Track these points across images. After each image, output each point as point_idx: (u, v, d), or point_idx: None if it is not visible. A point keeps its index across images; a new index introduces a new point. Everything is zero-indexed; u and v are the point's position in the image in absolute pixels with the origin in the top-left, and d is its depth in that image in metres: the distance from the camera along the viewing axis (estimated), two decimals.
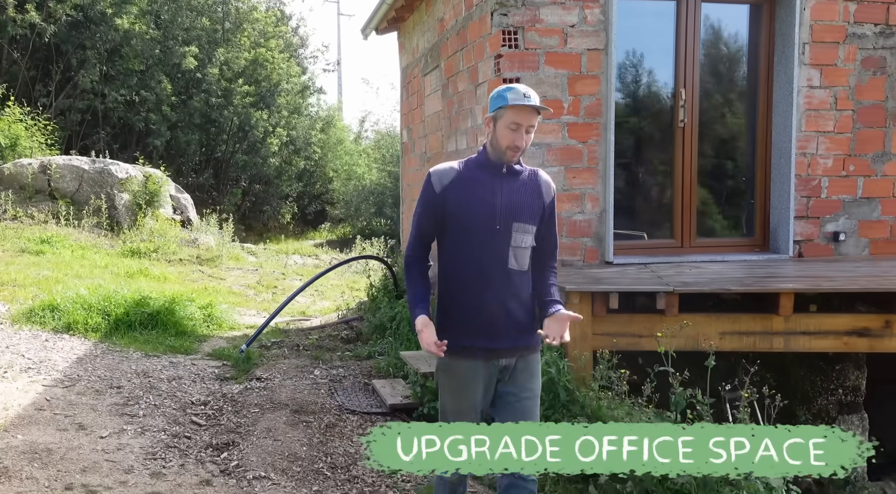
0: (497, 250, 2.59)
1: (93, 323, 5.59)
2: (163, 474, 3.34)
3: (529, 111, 2.53)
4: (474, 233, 2.58)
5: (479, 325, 2.58)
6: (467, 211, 2.58)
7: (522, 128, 2.54)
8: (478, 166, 2.64)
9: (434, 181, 2.62)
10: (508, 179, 2.62)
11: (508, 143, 2.55)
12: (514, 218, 2.60)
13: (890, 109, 5.73)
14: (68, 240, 10.55)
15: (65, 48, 16.77)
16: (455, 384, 2.64)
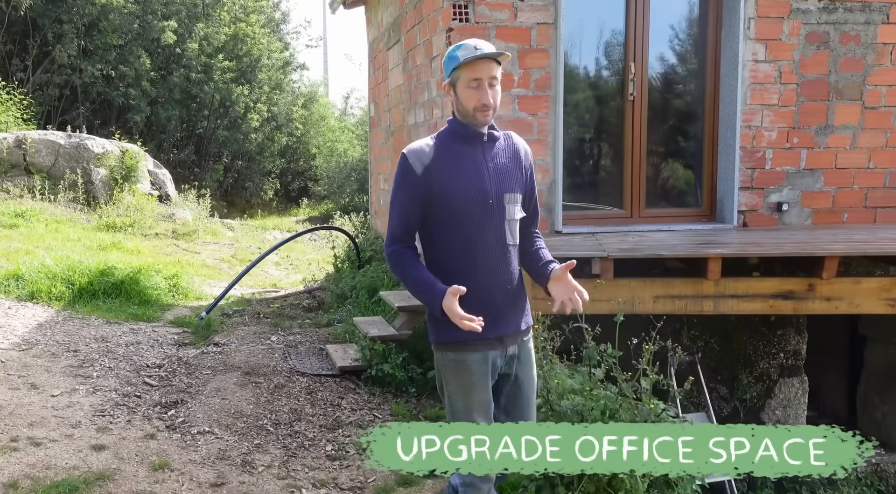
0: (494, 227, 2.39)
1: (56, 291, 5.74)
2: (109, 429, 3.52)
3: (486, 62, 2.31)
4: (467, 212, 2.36)
5: (484, 312, 2.33)
6: (456, 190, 2.35)
7: (485, 82, 2.31)
8: (454, 138, 2.41)
9: (413, 162, 2.36)
10: (489, 147, 2.42)
11: (475, 104, 2.32)
12: (503, 188, 2.41)
13: (833, 83, 5.89)
14: (43, 214, 10.64)
15: (41, 22, 16.70)
16: (465, 380, 2.40)
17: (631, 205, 5.89)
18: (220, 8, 18.92)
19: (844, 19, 5.85)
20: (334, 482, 3.32)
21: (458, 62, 2.32)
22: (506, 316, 2.44)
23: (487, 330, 2.33)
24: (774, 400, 6.04)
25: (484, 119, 2.36)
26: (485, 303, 2.37)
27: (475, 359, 2.39)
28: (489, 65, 2.32)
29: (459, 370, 2.41)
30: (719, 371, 5.96)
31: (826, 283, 4.39)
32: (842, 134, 5.94)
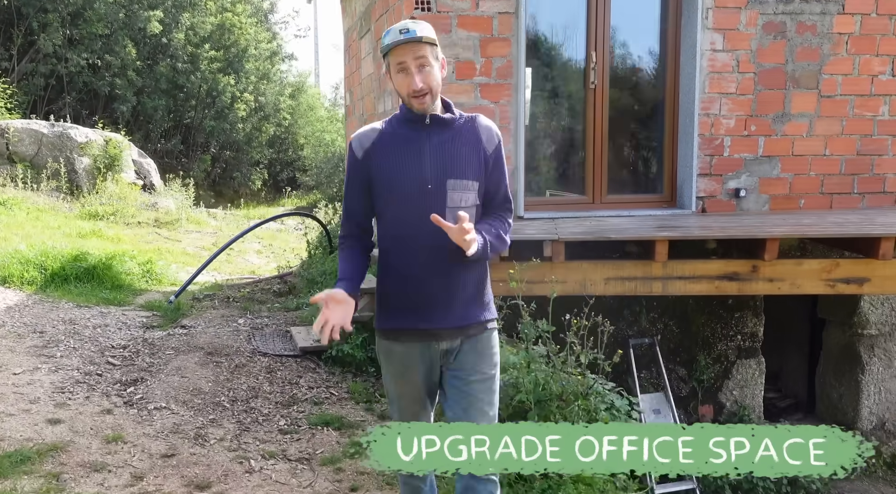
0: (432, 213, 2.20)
1: (29, 276, 5.85)
2: (67, 404, 3.65)
3: (410, 45, 2.17)
4: (403, 197, 2.26)
5: (414, 304, 2.29)
6: (392, 173, 2.27)
7: (410, 65, 2.19)
8: (401, 122, 2.32)
9: (355, 146, 2.32)
10: (437, 130, 2.29)
11: (406, 90, 2.22)
12: (447, 174, 2.27)
13: (790, 72, 6.02)
14: (25, 202, 10.72)
15: (26, 11, 16.71)
16: (394, 368, 2.39)
17: (593, 192, 6.03)
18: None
19: (801, 9, 5.98)
20: (283, 453, 3.46)
21: (385, 50, 2.23)
22: (442, 310, 2.30)
23: (418, 321, 2.29)
24: (732, 381, 6.21)
25: (421, 105, 2.23)
26: (419, 294, 2.29)
27: (400, 350, 2.35)
28: (415, 46, 2.18)
29: (387, 358, 2.39)
30: (678, 352, 6.11)
31: (769, 265, 4.53)
32: (798, 122, 6.08)
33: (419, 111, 2.26)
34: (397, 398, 2.44)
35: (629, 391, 5.82)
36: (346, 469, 3.34)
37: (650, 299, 5.97)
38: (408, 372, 2.36)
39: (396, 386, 2.42)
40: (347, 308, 2.18)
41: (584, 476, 3.12)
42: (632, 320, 5.99)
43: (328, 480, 3.23)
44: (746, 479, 5.76)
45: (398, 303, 2.33)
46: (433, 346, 2.33)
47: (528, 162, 5.83)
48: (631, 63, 6.22)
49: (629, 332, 5.98)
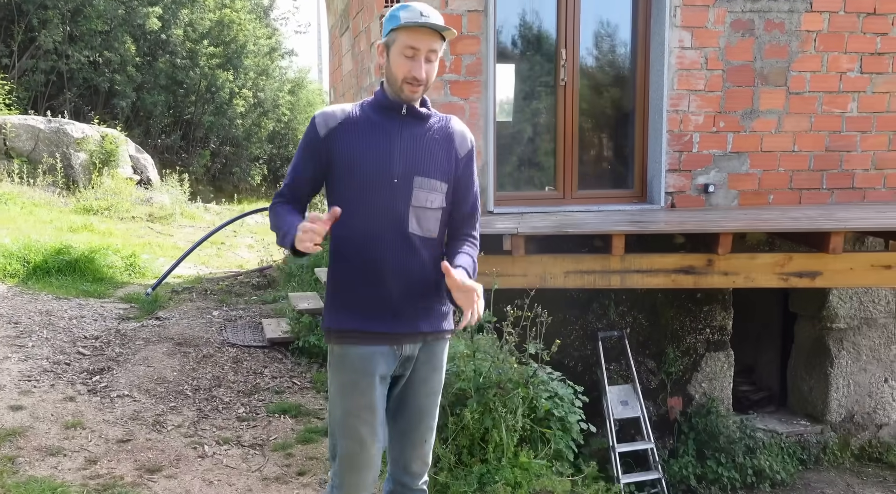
0: (394, 209, 2.13)
1: (11, 269, 6.00)
2: (31, 392, 3.79)
3: (429, 33, 2.07)
4: (366, 187, 2.12)
5: (374, 303, 2.13)
6: (357, 159, 2.12)
7: (421, 54, 2.08)
8: (374, 108, 2.19)
9: (318, 122, 2.16)
10: (411, 123, 2.18)
11: (405, 74, 2.09)
12: (415, 170, 2.15)
13: (758, 69, 6.10)
14: (21, 197, 10.88)
15: (26, 8, 16.88)
16: (346, 377, 2.14)
17: (564, 187, 6.13)
18: None
19: (769, 7, 6.06)
20: (237, 439, 3.59)
21: (398, 23, 2.07)
22: (403, 313, 2.15)
23: (376, 322, 2.13)
24: (700, 374, 6.31)
25: (411, 93, 2.12)
26: (378, 293, 2.13)
27: (358, 354, 2.12)
28: (432, 37, 2.08)
29: (341, 366, 2.15)
30: (647, 345, 6.21)
31: (723, 259, 4.63)
32: (767, 118, 6.16)
33: (406, 99, 2.13)
34: (344, 416, 2.15)
35: (597, 383, 5.95)
36: (296, 454, 3.47)
37: (619, 293, 6.07)
38: (363, 380, 2.12)
39: (347, 400, 2.14)
40: None
41: (522, 460, 3.24)
42: (601, 313, 6.09)
43: (277, 465, 3.36)
44: (711, 469, 5.87)
45: (355, 301, 2.14)
46: (395, 351, 2.16)
47: (498, 157, 5.94)
48: (602, 60, 6.31)
49: (598, 325, 6.09)
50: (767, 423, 6.62)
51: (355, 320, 2.13)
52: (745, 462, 5.96)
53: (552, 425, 3.42)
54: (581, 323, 6.07)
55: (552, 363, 5.92)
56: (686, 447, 6.00)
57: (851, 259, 4.59)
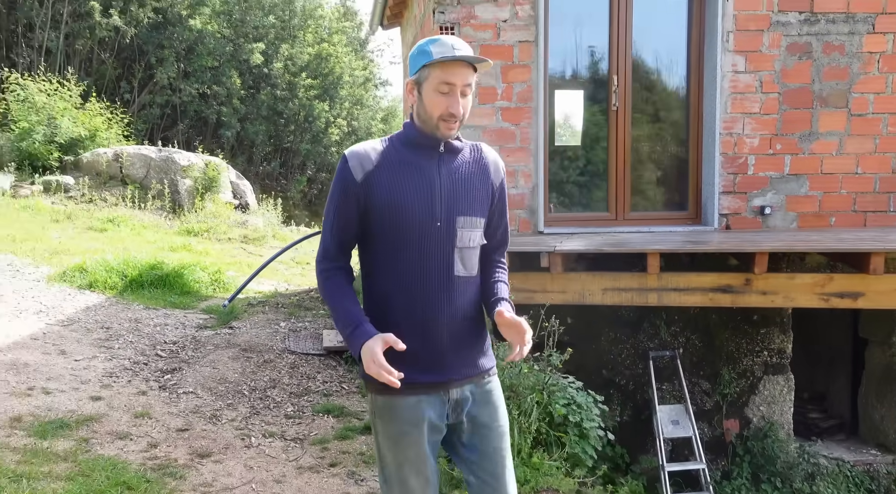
0: (439, 254, 2.04)
1: (111, 282, 6.69)
2: (110, 386, 4.31)
3: (464, 66, 2.00)
4: (408, 232, 2.02)
5: (419, 353, 2.03)
6: (398, 203, 2.02)
7: (457, 89, 2.00)
8: (406, 145, 2.09)
9: (353, 165, 2.04)
10: (447, 160, 2.09)
11: (441, 111, 2.00)
12: (458, 210, 2.07)
13: (817, 91, 6.09)
14: (132, 220, 11.92)
15: (146, 48, 18.46)
16: (395, 430, 2.06)
17: (616, 208, 6.28)
18: (304, 29, 20.23)
19: (827, 30, 6.05)
20: (282, 434, 3.96)
21: (430, 59, 1.99)
22: (451, 359, 2.08)
23: (426, 373, 2.05)
24: (759, 397, 6.25)
25: (448, 131, 2.03)
26: (425, 342, 2.04)
27: (408, 405, 2.05)
28: (466, 70, 2.01)
29: (389, 418, 2.06)
30: (701, 366, 6.23)
31: (761, 278, 4.67)
32: (827, 140, 6.12)
33: (442, 136, 2.05)
34: (397, 468, 2.07)
35: (649, 401, 6.03)
36: (331, 448, 3.81)
37: (670, 313, 6.14)
38: (414, 431, 2.05)
39: (398, 452, 2.07)
40: None
41: (534, 461, 3.45)
42: (652, 333, 6.17)
43: (313, 456, 3.70)
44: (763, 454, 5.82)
45: (399, 354, 1.98)
46: (442, 398, 2.08)
47: (552, 179, 6.18)
48: (657, 84, 6.45)
49: (650, 345, 6.16)
50: (834, 451, 6.46)
51: (401, 370, 1.95)
52: (804, 487, 5.87)
53: (568, 430, 3.61)
54: (632, 343, 6.17)
55: (602, 380, 6.08)
56: (740, 469, 5.97)
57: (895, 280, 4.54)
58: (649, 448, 6.09)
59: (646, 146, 6.42)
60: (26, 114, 13.23)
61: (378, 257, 2.05)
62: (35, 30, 17.03)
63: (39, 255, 7.68)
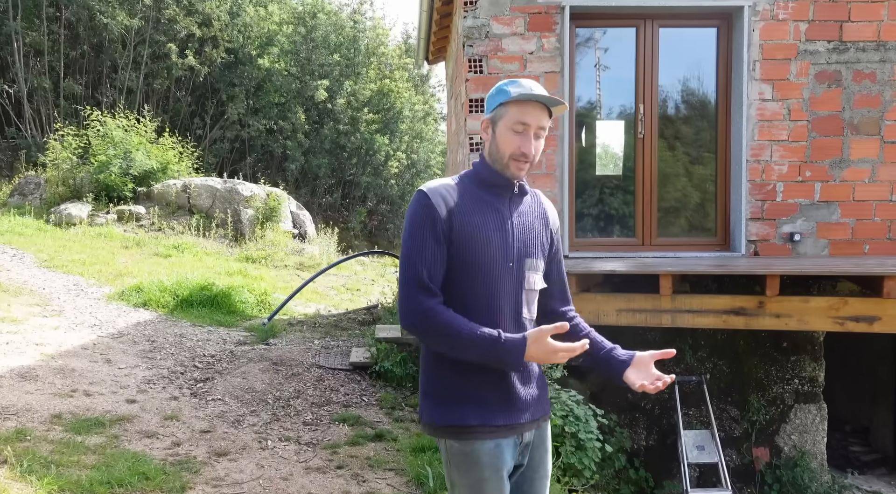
0: (511, 294, 2.03)
1: (163, 301, 7.13)
2: (146, 391, 4.65)
3: (539, 109, 2.01)
4: (484, 271, 2.00)
5: (496, 395, 2.00)
6: (477, 241, 1.99)
7: (531, 129, 2.00)
8: (479, 184, 2.08)
9: (436, 202, 1.99)
10: (517, 201, 2.10)
11: (513, 150, 2.01)
12: (526, 252, 2.06)
13: (847, 119, 6.09)
14: (196, 247, 12.54)
15: (218, 86, 19.45)
16: (475, 476, 1.99)
17: (643, 234, 6.37)
18: (368, 67, 20.94)
19: (857, 58, 6.07)
20: (297, 438, 4.20)
21: (507, 97, 2.02)
22: (522, 401, 2.05)
23: (503, 416, 2.00)
24: (790, 425, 6.18)
25: (518, 171, 2.04)
26: (500, 384, 2.01)
27: (487, 450, 1.98)
28: (542, 112, 2.02)
29: (468, 465, 1.98)
30: (730, 392, 6.20)
31: (775, 301, 4.70)
32: (859, 167, 6.09)
33: (512, 176, 2.05)
34: None
35: (674, 426, 6.03)
36: (341, 452, 4.02)
37: (696, 338, 6.16)
38: (494, 476, 1.99)
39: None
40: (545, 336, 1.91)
41: None
42: (678, 357, 6.19)
43: (322, 459, 3.92)
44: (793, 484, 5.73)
45: (476, 394, 1.99)
46: (517, 440, 2.06)
47: (580, 205, 6.33)
48: (686, 112, 6.56)
49: (676, 370, 6.18)
50: (873, 484, 6.32)
51: (479, 414, 1.97)
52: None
53: (565, 441, 3.73)
54: (658, 367, 6.19)
55: (627, 403, 6.12)
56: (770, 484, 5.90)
57: None
58: (675, 473, 6.08)
59: (673, 173, 6.51)
60: (105, 148, 14.13)
61: (452, 295, 2.00)
62: (118, 71, 18.19)
63: (104, 277, 8.22)
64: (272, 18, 19.97)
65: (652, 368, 2.11)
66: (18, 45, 16.59)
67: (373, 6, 22.49)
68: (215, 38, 18.89)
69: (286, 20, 20.45)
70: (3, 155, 17.27)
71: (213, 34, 18.79)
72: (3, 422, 3.83)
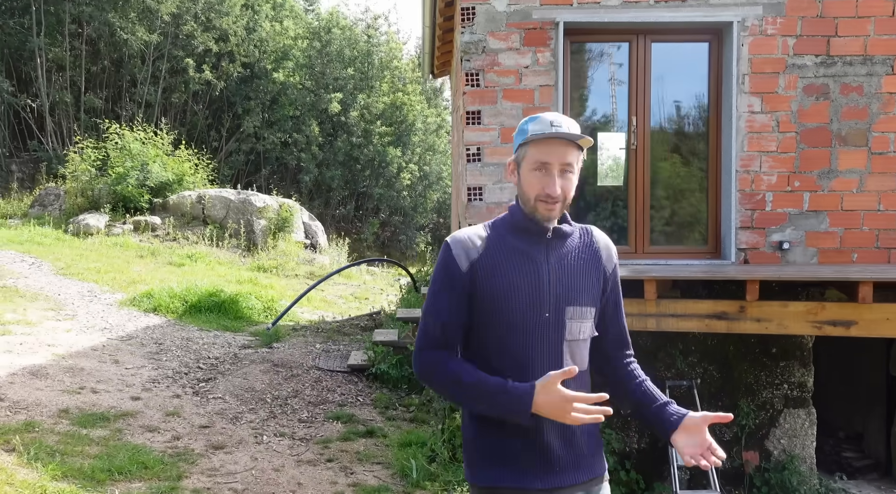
0: (548, 347, 1.91)
1: (173, 307, 7.39)
2: (150, 389, 4.88)
3: (561, 144, 1.89)
4: (515, 325, 1.90)
5: (529, 455, 1.90)
6: (503, 293, 1.91)
7: (554, 168, 1.89)
8: (511, 230, 1.99)
9: (457, 254, 1.94)
10: (556, 245, 1.98)
11: (538, 192, 1.91)
12: (567, 300, 1.94)
13: (835, 131, 6.23)
14: (209, 256, 12.84)
15: (233, 99, 19.87)
16: None
17: (636, 242, 6.54)
18: (381, 80, 21.28)
19: (844, 72, 6.22)
20: (292, 434, 4.41)
21: (525, 137, 1.93)
22: (560, 463, 1.92)
23: (535, 479, 1.89)
24: (779, 430, 6.29)
25: (546, 212, 1.92)
26: (534, 444, 1.89)
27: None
28: (566, 148, 1.90)
29: None
30: (720, 397, 6.33)
31: (756, 305, 4.85)
32: (847, 178, 6.23)
33: (542, 218, 1.93)
34: None
35: None
36: (332, 447, 4.22)
37: (687, 343, 6.30)
38: None
39: None
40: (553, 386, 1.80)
41: None
42: (669, 363, 6.33)
43: (314, 453, 4.12)
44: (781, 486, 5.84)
45: (507, 454, 1.90)
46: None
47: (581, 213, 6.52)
48: (679, 124, 6.74)
49: (666, 374, 6.32)
50: (863, 489, 6.40)
51: (507, 476, 1.88)
52: None
53: None
54: (648, 372, 6.31)
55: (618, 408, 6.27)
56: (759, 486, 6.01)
57: (888, 309, 4.64)
58: (666, 475, 6.21)
59: (666, 183, 6.67)
60: (122, 160, 14.51)
61: (481, 350, 1.94)
62: (137, 85, 18.64)
63: (117, 284, 8.51)
64: (287, 33, 20.39)
65: (705, 433, 1.92)
66: (42, 60, 17.09)
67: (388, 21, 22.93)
68: (232, 52, 19.32)
69: (301, 35, 20.87)
70: (26, 167, 17.75)
71: (229, 49, 19.22)
72: (13, 415, 4.07)
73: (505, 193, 6.35)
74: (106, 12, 17.51)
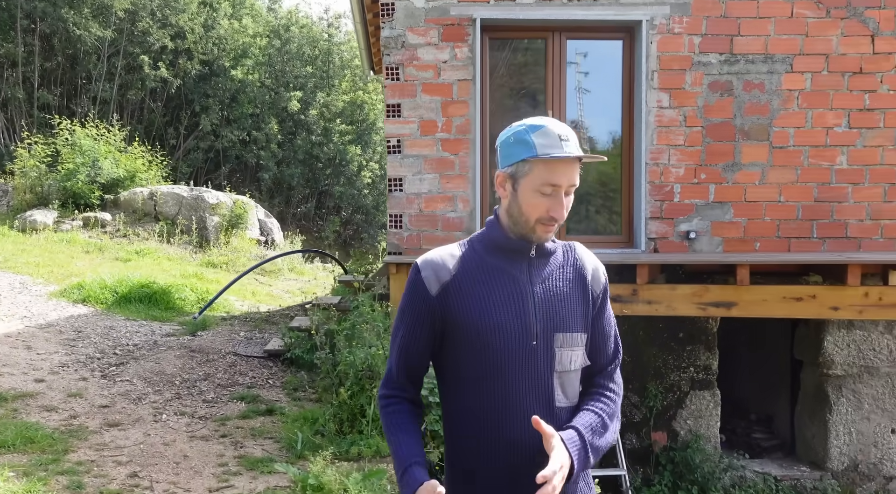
0: (536, 381, 1.71)
1: (103, 297, 7.47)
2: (58, 373, 4.99)
3: (570, 163, 1.71)
4: (497, 355, 1.70)
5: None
6: (483, 321, 1.70)
7: (562, 189, 1.71)
8: (491, 250, 1.77)
9: (427, 277, 1.74)
10: (539, 264, 1.77)
11: (541, 214, 1.71)
12: (556, 326, 1.73)
13: (738, 125, 6.50)
14: (158, 252, 12.85)
15: (192, 97, 19.85)
16: None
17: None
18: (341, 79, 21.38)
19: (747, 70, 6.49)
20: (192, 413, 4.54)
21: (532, 153, 1.69)
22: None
23: None
24: (686, 411, 6.55)
25: (545, 234, 1.74)
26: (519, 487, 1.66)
27: None
28: (574, 166, 1.73)
29: None
30: (630, 380, 6.56)
31: (646, 289, 5.08)
32: (750, 170, 6.50)
33: (536, 240, 1.74)
34: None
35: None
36: (229, 425, 4.37)
37: None
38: None
39: None
40: None
41: None
42: None
43: (209, 430, 4.26)
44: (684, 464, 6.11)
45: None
46: None
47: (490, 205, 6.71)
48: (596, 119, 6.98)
49: None
50: (764, 466, 6.68)
51: None
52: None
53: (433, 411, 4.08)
54: None
55: None
56: (661, 477, 6.25)
57: (764, 291, 4.89)
58: None
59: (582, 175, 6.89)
60: (73, 156, 14.46)
61: (457, 387, 1.74)
62: (93, 82, 18.58)
63: (53, 277, 8.56)
64: (247, 31, 20.41)
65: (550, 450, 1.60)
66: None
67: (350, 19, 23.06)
68: (189, 50, 19.31)
69: (260, 33, 20.89)
70: None
71: (187, 46, 19.21)
72: None
73: (424, 184, 6.53)
74: (59, 8, 17.43)
